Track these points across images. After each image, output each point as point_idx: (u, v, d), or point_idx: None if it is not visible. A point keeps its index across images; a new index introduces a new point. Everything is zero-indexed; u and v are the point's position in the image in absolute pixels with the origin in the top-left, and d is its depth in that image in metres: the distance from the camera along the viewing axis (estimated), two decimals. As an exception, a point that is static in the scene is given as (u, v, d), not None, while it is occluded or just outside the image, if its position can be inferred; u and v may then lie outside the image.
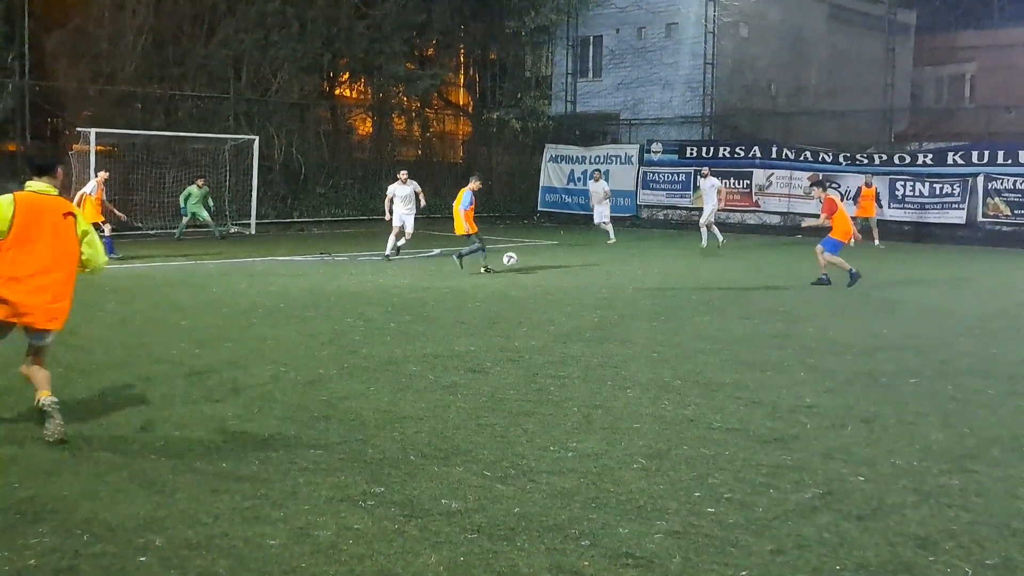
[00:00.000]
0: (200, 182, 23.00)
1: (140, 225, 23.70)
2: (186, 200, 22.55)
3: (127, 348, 9.23)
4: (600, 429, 6.56)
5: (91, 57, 23.94)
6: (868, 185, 23.96)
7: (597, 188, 24.27)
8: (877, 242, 23.12)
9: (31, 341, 6.36)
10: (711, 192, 22.28)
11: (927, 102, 40.53)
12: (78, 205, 16.69)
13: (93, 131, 21.65)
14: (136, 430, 6.36)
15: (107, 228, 17.85)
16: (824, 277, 15.23)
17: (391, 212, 18.67)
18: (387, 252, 18.34)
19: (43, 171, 6.45)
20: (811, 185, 18.54)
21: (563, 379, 8.12)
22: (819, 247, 15.45)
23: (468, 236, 16.50)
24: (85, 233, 6.50)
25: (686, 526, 4.78)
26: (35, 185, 6.36)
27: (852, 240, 15.74)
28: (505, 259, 17.13)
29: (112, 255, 16.61)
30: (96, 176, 18.65)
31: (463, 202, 16.44)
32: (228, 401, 7.18)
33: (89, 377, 7.90)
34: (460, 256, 16.50)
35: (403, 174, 19.10)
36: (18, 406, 6.92)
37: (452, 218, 16.91)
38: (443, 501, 5.10)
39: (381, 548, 4.48)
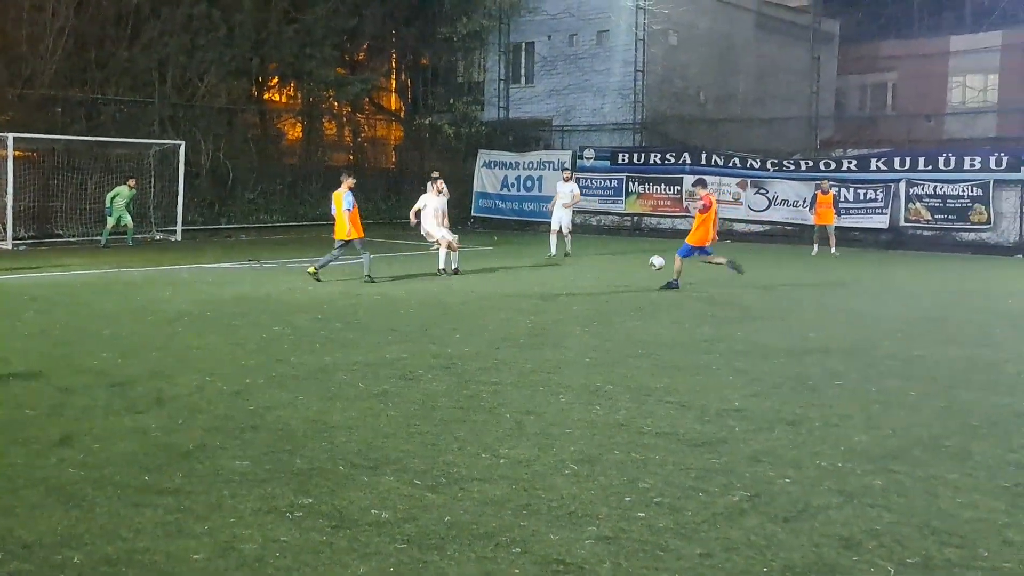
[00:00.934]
0: (131, 183, 22.47)
1: (61, 232, 23.08)
2: (112, 200, 21.96)
3: (46, 358, 8.96)
4: (532, 435, 6.55)
5: (9, 59, 23.24)
6: (824, 192, 23.57)
7: (565, 190, 21.56)
8: (833, 250, 22.94)
9: None
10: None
11: (851, 110, 41.48)
12: None
13: (10, 136, 21.04)
14: (54, 443, 6.16)
15: None
16: (674, 282, 15.17)
17: (416, 219, 17.54)
18: (441, 266, 17.12)
19: None
20: (693, 184, 17.93)
21: (496, 385, 8.09)
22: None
23: (350, 242, 15.73)
24: None
25: (616, 531, 4.79)
26: None
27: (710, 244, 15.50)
28: (655, 262, 15.87)
29: None
30: None
31: (345, 203, 15.63)
32: (151, 412, 7.00)
33: (5, 388, 7.64)
34: (320, 267, 15.69)
35: (440, 183, 17.75)
36: (-71, 420, 6.68)
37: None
38: (372, 511, 5.03)
39: (308, 560, 4.40)
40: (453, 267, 16.84)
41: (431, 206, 17.34)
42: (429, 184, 17.93)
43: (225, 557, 4.42)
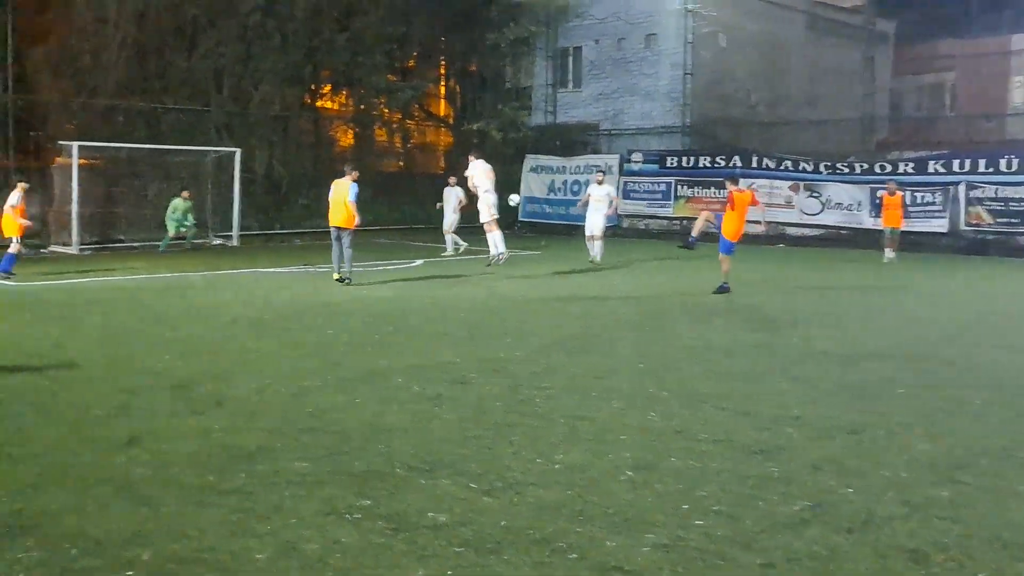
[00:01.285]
0: (186, 194, 22.95)
1: (123, 237, 23.56)
2: (172, 213, 22.56)
3: (111, 360, 9.18)
4: (586, 441, 6.56)
5: (74, 71, 23.86)
6: (891, 193, 22.59)
7: (600, 193, 20.36)
8: (892, 254, 21.72)
9: None
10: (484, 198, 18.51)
11: (907, 111, 40.86)
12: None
13: (75, 144, 21.54)
14: (122, 443, 6.31)
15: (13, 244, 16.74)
16: (724, 285, 15.00)
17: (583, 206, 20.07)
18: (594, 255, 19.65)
19: None
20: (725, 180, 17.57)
21: (548, 390, 8.11)
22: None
23: (344, 231, 15.76)
24: None
25: (674, 539, 4.78)
26: None
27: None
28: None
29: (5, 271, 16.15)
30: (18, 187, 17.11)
31: (352, 194, 15.83)
32: (213, 413, 7.14)
33: (73, 390, 7.84)
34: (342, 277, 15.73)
35: (600, 175, 19.59)
36: (5, 419, 6.87)
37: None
38: (429, 514, 5.08)
39: (368, 562, 4.46)
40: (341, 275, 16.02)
41: (594, 196, 19.83)
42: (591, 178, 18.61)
43: (287, 557, 4.50)
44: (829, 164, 27.60)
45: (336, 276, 15.79)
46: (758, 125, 32.66)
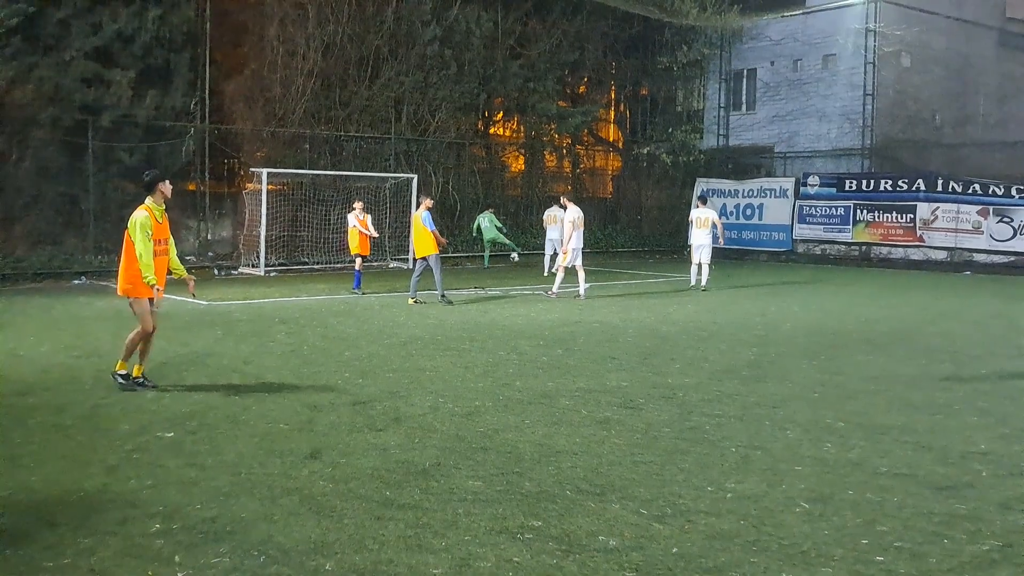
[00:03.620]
0: (490, 210, 25.65)
1: (307, 260, 24.75)
2: (479, 229, 25.13)
3: (296, 376, 9.68)
4: (759, 470, 6.44)
5: (264, 101, 25.28)
6: None
7: (703, 215, 19.85)
8: None
9: None
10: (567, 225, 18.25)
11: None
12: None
13: (265, 171, 22.82)
14: (305, 456, 6.65)
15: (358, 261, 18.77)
16: None
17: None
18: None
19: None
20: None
21: (719, 418, 8.01)
22: None
23: (427, 259, 16.74)
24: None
25: (853, 574, 4.64)
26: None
27: None
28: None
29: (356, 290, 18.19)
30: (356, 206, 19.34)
31: (427, 223, 16.71)
32: (390, 430, 7.42)
33: (262, 404, 8.31)
34: (443, 296, 16.69)
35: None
36: (200, 431, 7.36)
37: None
38: (600, 537, 5.12)
39: (540, 581, 4.54)
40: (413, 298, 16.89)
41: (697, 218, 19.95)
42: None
43: (462, 574, 4.63)
44: (1022, 188, 26.04)
45: (411, 300, 16.58)
46: (944, 147, 31.18)
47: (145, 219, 8.72)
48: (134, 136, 22.67)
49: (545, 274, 22.37)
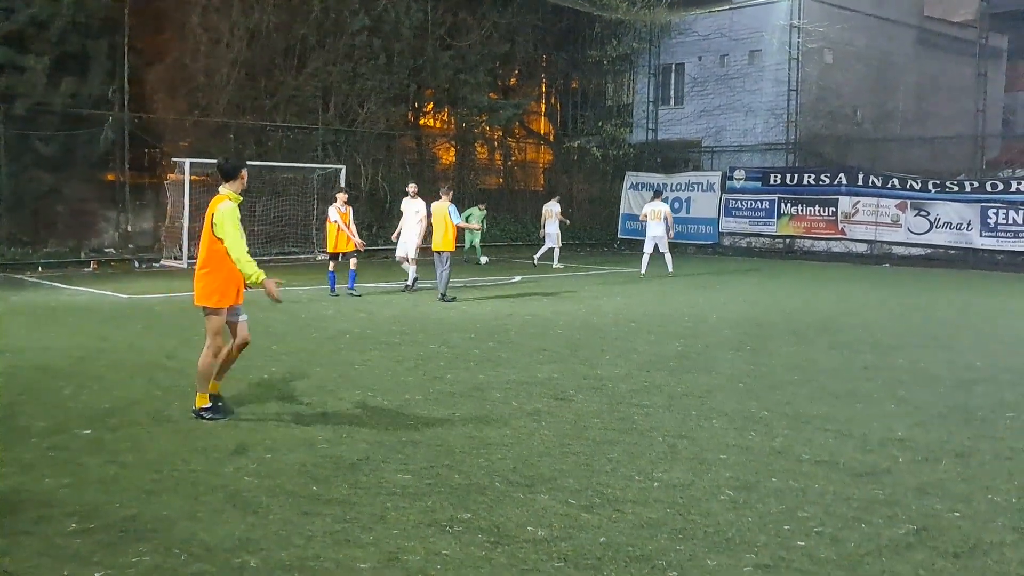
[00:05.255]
0: (482, 206, 25.36)
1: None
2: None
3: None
4: (686, 459, 6.52)
5: (188, 90, 24.75)
6: None
7: (657, 208, 21.52)
8: None
9: None
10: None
11: (1020, 128, 39.36)
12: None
13: (188, 161, 22.37)
14: (230, 452, 6.54)
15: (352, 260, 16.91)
16: None
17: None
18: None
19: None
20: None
21: (647, 408, 8.09)
22: None
23: (441, 254, 16.10)
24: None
25: (776, 560, 4.73)
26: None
27: None
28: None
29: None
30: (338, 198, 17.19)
31: (454, 215, 16.24)
32: (318, 425, 7.33)
33: (185, 399, 8.14)
34: (445, 294, 16.04)
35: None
36: (120, 428, 7.18)
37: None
38: (529, 528, 5.13)
39: (469, 574, 4.53)
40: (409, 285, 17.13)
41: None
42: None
43: (390, 568, 4.60)
44: (938, 182, 26.86)
45: (441, 296, 16.08)
46: (865, 142, 31.95)
47: (234, 209, 7.61)
48: (50, 124, 22.02)
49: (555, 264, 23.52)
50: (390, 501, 5.54)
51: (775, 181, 30.08)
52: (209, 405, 7.50)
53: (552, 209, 23.87)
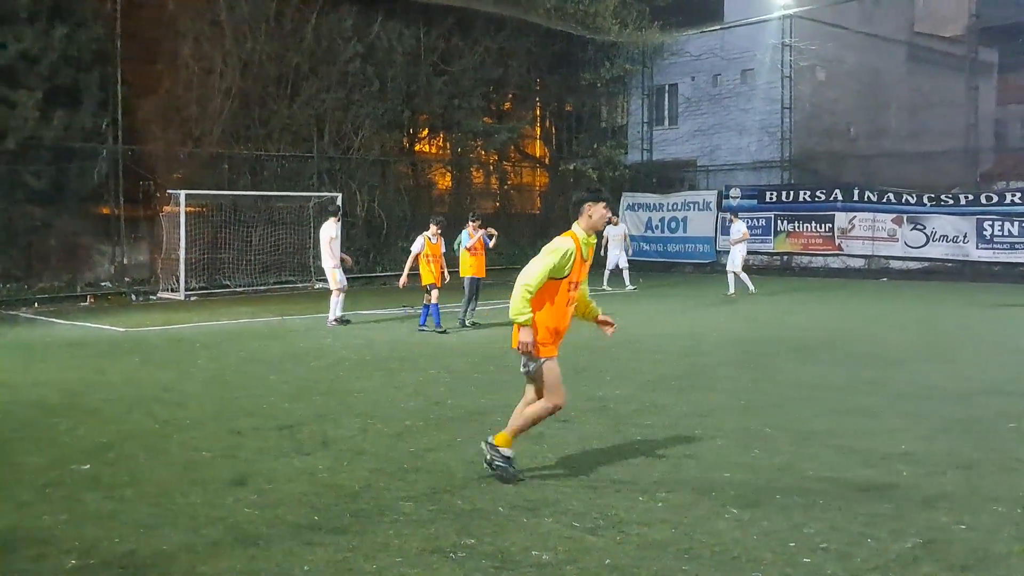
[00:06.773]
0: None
1: (228, 283, 24.30)
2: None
3: (218, 402, 9.44)
4: (690, 479, 6.47)
5: (181, 121, 24.76)
6: None
7: (617, 232, 23.51)
8: None
9: None
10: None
11: (1013, 141, 39.51)
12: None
13: (183, 193, 22.36)
14: (230, 483, 6.47)
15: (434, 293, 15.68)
16: None
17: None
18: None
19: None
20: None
21: (650, 428, 8.04)
22: None
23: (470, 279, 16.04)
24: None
25: (783, 578, 4.67)
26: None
27: None
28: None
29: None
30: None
31: (467, 240, 16.28)
32: (318, 454, 7.27)
33: (183, 432, 8.09)
34: (471, 319, 15.97)
35: (614, 217, 21.06)
36: (118, 462, 7.12)
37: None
38: (533, 552, 5.07)
39: (474, 600, 4.47)
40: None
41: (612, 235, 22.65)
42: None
43: (393, 595, 4.54)
44: (933, 196, 26.92)
45: (470, 322, 16.01)
46: (859, 158, 32.06)
47: (567, 252, 6.57)
48: (41, 158, 22.00)
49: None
50: (392, 529, 5.48)
51: (771, 199, 30.14)
52: (511, 453, 6.53)
53: (615, 233, 23.51)
